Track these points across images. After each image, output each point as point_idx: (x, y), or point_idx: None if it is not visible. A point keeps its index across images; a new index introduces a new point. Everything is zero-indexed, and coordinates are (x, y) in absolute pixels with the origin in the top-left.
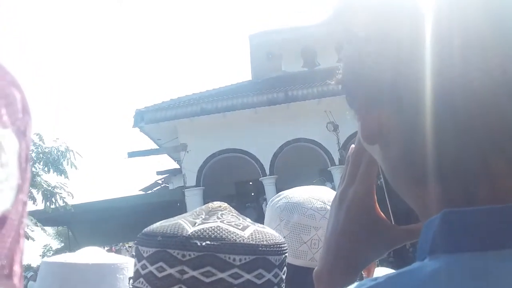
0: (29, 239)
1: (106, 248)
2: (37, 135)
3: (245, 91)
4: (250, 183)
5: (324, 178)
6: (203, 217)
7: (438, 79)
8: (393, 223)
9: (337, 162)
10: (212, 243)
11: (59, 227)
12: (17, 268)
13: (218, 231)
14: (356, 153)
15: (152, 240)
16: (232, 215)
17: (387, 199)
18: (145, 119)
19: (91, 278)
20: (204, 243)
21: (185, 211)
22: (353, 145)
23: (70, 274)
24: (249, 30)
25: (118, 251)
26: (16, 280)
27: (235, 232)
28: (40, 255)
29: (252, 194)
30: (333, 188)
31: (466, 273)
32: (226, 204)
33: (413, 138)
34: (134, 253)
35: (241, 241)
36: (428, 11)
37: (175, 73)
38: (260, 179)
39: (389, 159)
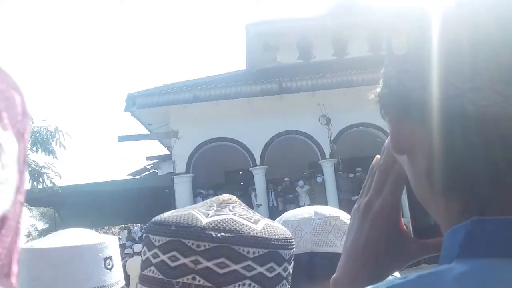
0: None
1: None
2: None
3: (239, 80)
4: (240, 172)
5: (314, 171)
6: (215, 208)
7: (452, 100)
8: (412, 236)
9: (327, 155)
10: (227, 234)
11: (44, 208)
12: (15, 268)
13: (232, 224)
14: (384, 165)
15: (165, 230)
16: (242, 208)
17: (409, 213)
18: (136, 103)
19: (55, 262)
20: (219, 235)
21: (174, 198)
22: (378, 156)
23: (35, 260)
24: (246, 19)
25: None
26: (14, 279)
27: (248, 225)
28: (26, 235)
29: (242, 183)
30: (323, 181)
31: (491, 276)
32: (235, 197)
33: (435, 153)
34: (144, 242)
35: (255, 234)
36: (439, 40)
37: (169, 59)
38: (250, 169)
39: (415, 171)
